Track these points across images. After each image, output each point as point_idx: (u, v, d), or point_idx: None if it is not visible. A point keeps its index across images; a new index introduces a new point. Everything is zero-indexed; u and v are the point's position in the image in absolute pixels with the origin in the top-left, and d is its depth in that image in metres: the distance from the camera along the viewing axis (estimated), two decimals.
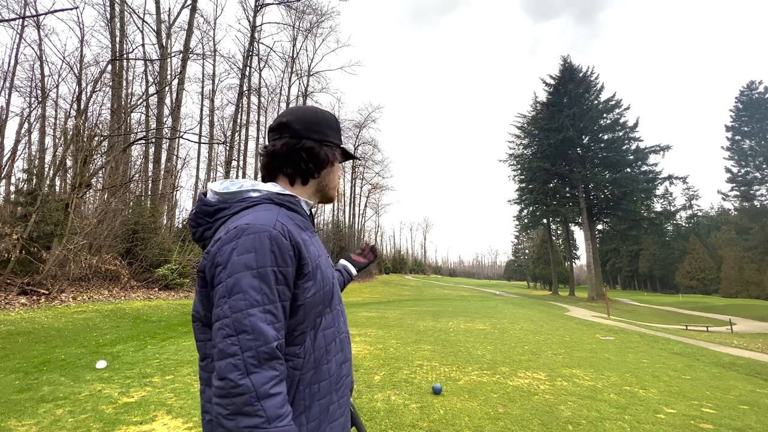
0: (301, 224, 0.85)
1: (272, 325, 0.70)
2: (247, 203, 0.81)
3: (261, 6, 24.44)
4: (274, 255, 0.72)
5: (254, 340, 0.67)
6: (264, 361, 0.67)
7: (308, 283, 0.78)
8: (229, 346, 0.67)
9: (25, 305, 8.32)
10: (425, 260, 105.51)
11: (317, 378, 0.80)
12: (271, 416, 0.66)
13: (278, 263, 0.72)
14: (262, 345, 0.67)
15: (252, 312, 0.68)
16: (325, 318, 0.84)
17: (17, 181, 14.11)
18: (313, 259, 0.81)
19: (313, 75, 33.62)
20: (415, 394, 3.68)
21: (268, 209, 0.79)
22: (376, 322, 9.03)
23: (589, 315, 16.53)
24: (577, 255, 62.40)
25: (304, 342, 0.79)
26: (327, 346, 0.83)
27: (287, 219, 0.80)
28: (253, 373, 0.66)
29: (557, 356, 5.80)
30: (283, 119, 0.89)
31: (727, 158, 45.89)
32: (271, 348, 0.68)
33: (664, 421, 3.19)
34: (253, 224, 0.73)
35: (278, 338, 0.71)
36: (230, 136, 23.66)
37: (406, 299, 22.37)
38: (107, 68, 14.68)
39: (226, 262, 0.71)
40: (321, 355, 0.81)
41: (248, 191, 0.83)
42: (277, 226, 0.75)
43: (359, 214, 50.16)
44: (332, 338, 0.85)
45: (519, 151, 42.22)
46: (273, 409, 0.66)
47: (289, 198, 0.85)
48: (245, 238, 0.72)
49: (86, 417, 2.93)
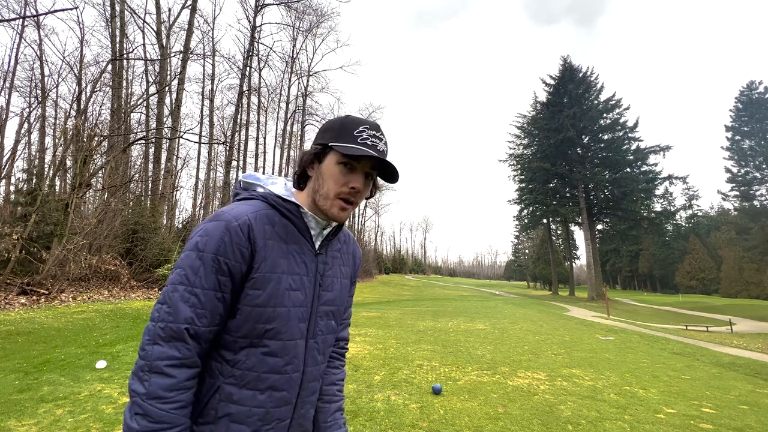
0: (288, 233, 0.80)
1: (192, 308, 0.69)
2: (245, 195, 0.83)
3: (261, 6, 24.43)
4: (223, 243, 0.72)
5: (168, 315, 0.69)
6: (169, 339, 0.68)
7: (252, 291, 0.74)
8: (154, 312, 0.71)
9: (25, 305, 8.32)
10: (425, 260, 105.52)
11: (238, 399, 0.74)
12: (152, 393, 0.65)
13: (221, 253, 0.71)
14: (173, 322, 0.68)
15: (179, 288, 0.70)
16: (271, 345, 0.75)
17: (17, 181, 14.11)
18: (271, 269, 0.75)
19: (313, 75, 33.60)
20: (415, 394, 3.68)
21: (250, 204, 0.79)
22: (376, 322, 9.03)
23: (589, 315, 16.53)
24: (577, 255, 62.42)
25: (238, 353, 0.75)
26: (261, 374, 0.75)
27: (264, 220, 0.77)
28: (156, 343, 0.67)
29: (557, 356, 5.80)
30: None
31: (727, 158, 45.89)
32: (179, 328, 0.68)
33: (664, 421, 3.19)
34: (223, 213, 0.75)
35: (192, 322, 0.69)
36: (230, 136, 23.63)
37: (406, 299, 22.37)
38: (107, 68, 14.68)
39: (189, 239, 0.75)
40: (251, 378, 0.74)
41: (256, 186, 0.84)
42: (242, 219, 0.74)
43: (359, 214, 50.19)
44: (274, 370, 0.76)
45: (519, 151, 42.24)
46: (156, 387, 0.65)
47: (286, 204, 0.81)
48: (209, 224, 0.74)
49: (86, 417, 2.93)
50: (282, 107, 33.77)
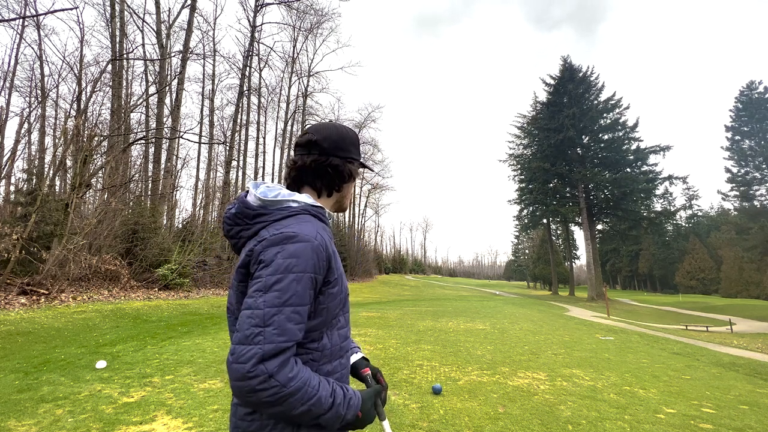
0: (330, 235, 0.93)
1: (297, 325, 0.78)
2: (287, 212, 0.89)
3: (261, 6, 24.43)
4: (313, 263, 0.81)
5: (278, 336, 0.74)
6: (280, 354, 0.74)
7: (334, 289, 0.88)
8: (255, 336, 0.73)
9: (25, 305, 8.31)
10: (425, 260, 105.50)
11: (332, 370, 0.89)
12: (283, 381, 0.73)
13: (315, 270, 0.81)
14: (285, 342, 0.75)
15: (283, 310, 0.76)
16: (340, 319, 0.93)
17: (17, 181, 14.12)
18: (340, 268, 0.91)
19: (313, 75, 33.61)
20: (415, 394, 3.68)
21: (309, 221, 0.88)
22: (376, 322, 9.03)
23: (589, 315, 16.53)
24: (577, 255, 62.39)
25: (322, 339, 0.88)
26: (341, 344, 0.93)
27: (323, 231, 0.88)
28: (267, 361, 0.72)
29: (557, 356, 5.80)
30: (312, 137, 0.97)
31: (726, 158, 45.73)
32: (291, 344, 0.76)
33: (664, 421, 3.19)
34: (300, 234, 0.82)
35: (298, 338, 0.79)
36: (230, 136, 23.65)
37: (406, 299, 22.36)
38: (107, 68, 14.68)
39: (270, 261, 0.79)
40: (336, 351, 0.91)
41: (288, 201, 0.90)
42: (318, 237, 0.84)
43: (359, 214, 50.14)
44: (345, 336, 0.95)
45: (519, 151, 42.25)
46: (284, 376, 0.73)
47: (320, 210, 0.94)
48: (292, 245, 0.80)
49: (86, 417, 2.93)
50: (282, 107, 33.81)
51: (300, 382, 0.75)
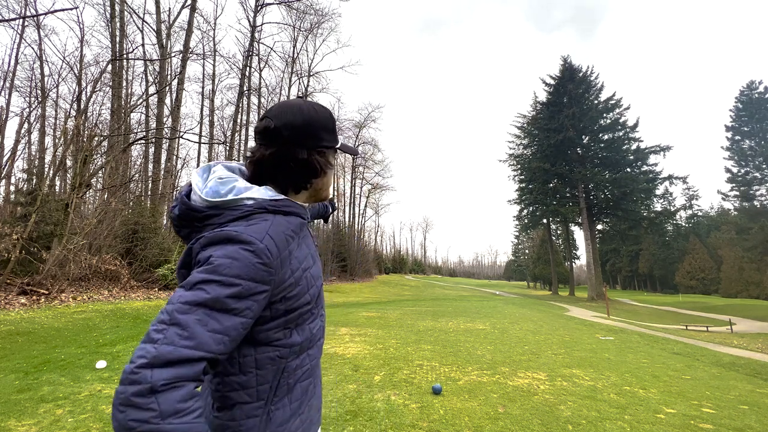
0: (294, 229, 0.81)
1: (214, 335, 0.63)
2: (240, 212, 0.75)
3: (261, 6, 24.44)
4: (255, 270, 0.68)
5: (182, 339, 0.60)
6: (177, 364, 0.59)
7: (296, 289, 0.79)
8: (155, 333, 0.60)
9: (25, 305, 8.31)
10: (425, 260, 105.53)
11: (301, 364, 0.84)
12: (164, 408, 0.56)
13: (252, 277, 0.68)
14: (188, 349, 0.60)
15: (197, 311, 0.63)
16: (312, 312, 0.86)
17: (17, 181, 14.13)
18: (300, 263, 0.80)
19: (313, 75, 33.59)
20: (415, 394, 3.68)
21: (263, 220, 0.75)
22: (376, 322, 9.03)
23: (589, 315, 16.53)
24: (577, 255, 62.45)
25: (291, 335, 0.81)
26: (312, 336, 0.86)
27: (279, 230, 0.76)
28: (157, 367, 0.57)
29: (557, 356, 5.80)
30: (270, 124, 0.80)
31: (727, 158, 45.82)
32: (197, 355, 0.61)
33: (664, 421, 3.19)
34: (241, 234, 0.70)
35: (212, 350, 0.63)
36: (230, 136, 23.66)
37: (406, 299, 22.36)
38: (107, 68, 14.68)
39: (204, 260, 0.69)
40: (306, 345, 0.84)
41: (242, 200, 0.77)
42: (265, 240, 0.71)
43: (359, 214, 50.12)
44: (318, 326, 0.89)
45: (519, 151, 42.27)
46: (169, 403, 0.57)
47: (283, 203, 0.80)
48: (230, 246, 0.69)
49: (86, 417, 2.93)
50: None
51: (184, 426, 0.57)
